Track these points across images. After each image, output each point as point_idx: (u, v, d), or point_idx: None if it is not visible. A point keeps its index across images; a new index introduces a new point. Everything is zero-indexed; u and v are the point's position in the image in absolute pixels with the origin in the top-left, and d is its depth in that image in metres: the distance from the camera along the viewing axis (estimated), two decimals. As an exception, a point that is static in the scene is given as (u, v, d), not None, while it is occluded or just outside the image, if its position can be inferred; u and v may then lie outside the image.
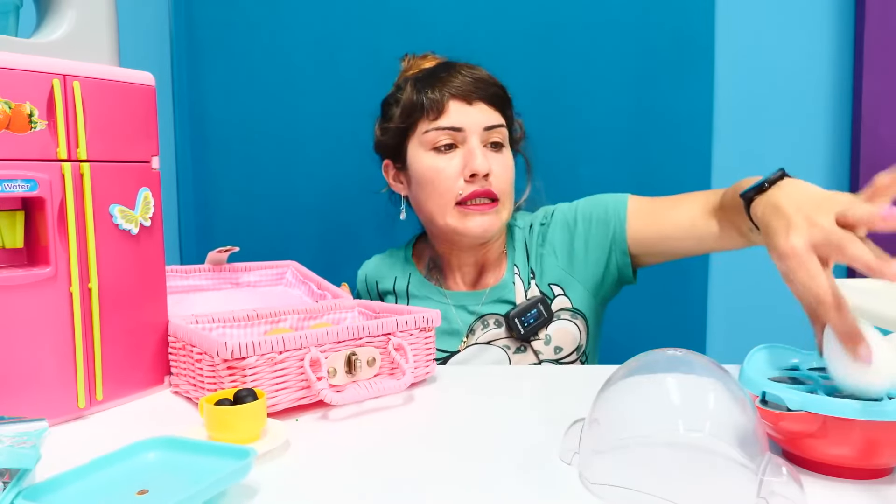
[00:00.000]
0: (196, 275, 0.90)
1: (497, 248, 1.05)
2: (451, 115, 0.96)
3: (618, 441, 0.50)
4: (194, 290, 0.89)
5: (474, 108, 0.96)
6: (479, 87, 0.97)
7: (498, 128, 0.97)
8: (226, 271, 0.92)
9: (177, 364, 0.76)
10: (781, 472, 0.45)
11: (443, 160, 0.97)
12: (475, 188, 0.95)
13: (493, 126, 0.97)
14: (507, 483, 0.53)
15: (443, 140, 0.96)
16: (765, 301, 1.46)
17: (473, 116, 0.96)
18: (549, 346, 0.98)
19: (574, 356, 1.00)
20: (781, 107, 1.42)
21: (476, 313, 1.02)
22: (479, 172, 0.94)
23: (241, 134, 1.50)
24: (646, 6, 1.38)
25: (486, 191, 0.96)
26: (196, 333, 0.71)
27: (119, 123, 0.71)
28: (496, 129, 0.97)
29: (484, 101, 0.97)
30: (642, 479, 0.47)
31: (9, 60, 0.62)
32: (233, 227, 1.52)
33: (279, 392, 0.67)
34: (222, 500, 0.49)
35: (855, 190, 1.40)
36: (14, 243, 0.66)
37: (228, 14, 1.47)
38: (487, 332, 1.00)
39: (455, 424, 0.66)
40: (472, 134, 0.96)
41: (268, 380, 0.66)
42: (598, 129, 1.40)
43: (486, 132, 0.96)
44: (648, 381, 0.52)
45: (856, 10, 1.38)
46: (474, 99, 0.96)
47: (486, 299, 1.02)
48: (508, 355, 0.99)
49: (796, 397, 0.50)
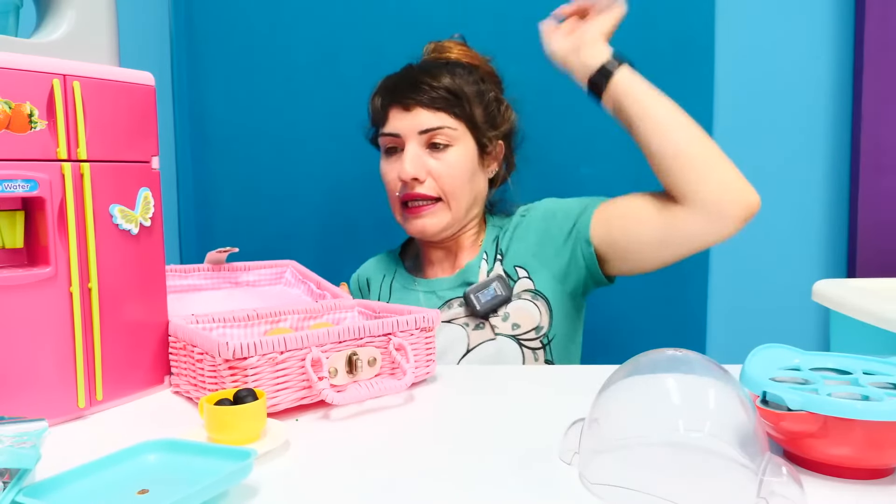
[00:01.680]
0: (195, 274, 0.90)
1: (468, 239, 1.08)
2: (391, 121, 1.03)
3: (618, 441, 0.50)
4: (193, 290, 0.89)
5: (411, 114, 1.01)
6: (417, 92, 1.00)
7: (437, 129, 1.00)
8: (225, 271, 0.93)
9: (177, 364, 0.76)
10: (781, 472, 0.45)
11: (387, 164, 1.05)
12: (407, 191, 1.02)
13: (429, 129, 1.00)
14: (506, 483, 0.53)
15: (387, 145, 1.04)
16: (765, 301, 1.46)
17: (408, 121, 1.01)
18: (506, 323, 1.00)
19: (533, 335, 1.00)
20: (781, 107, 1.42)
21: (443, 298, 1.05)
22: (402, 177, 1.00)
23: (241, 134, 1.50)
24: (646, 6, 1.38)
25: (417, 194, 1.01)
26: (197, 334, 0.70)
27: (119, 123, 0.71)
28: (435, 131, 1.00)
29: (421, 106, 1.01)
30: (642, 479, 0.47)
31: (9, 60, 0.62)
32: (233, 227, 1.52)
33: (280, 392, 0.67)
34: (222, 501, 0.49)
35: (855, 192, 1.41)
36: (14, 243, 0.66)
37: (228, 14, 1.48)
38: (449, 312, 1.03)
39: (455, 424, 0.66)
40: (408, 138, 1.01)
41: (269, 380, 0.66)
42: (598, 129, 1.40)
43: (422, 135, 1.01)
44: (648, 381, 0.52)
45: (856, 10, 1.38)
46: (412, 104, 1.01)
47: (452, 284, 1.06)
48: (467, 332, 1.01)
49: (797, 397, 0.50)
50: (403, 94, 1.02)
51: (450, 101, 1.01)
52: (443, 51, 1.09)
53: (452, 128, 1.01)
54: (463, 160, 1.02)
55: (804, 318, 1.44)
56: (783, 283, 1.45)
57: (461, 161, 1.02)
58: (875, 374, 0.59)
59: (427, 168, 1.01)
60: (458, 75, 1.03)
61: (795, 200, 1.44)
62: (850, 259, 1.42)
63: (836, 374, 0.60)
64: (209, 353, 0.68)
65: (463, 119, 1.02)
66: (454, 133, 1.01)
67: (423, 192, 1.01)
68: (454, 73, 1.03)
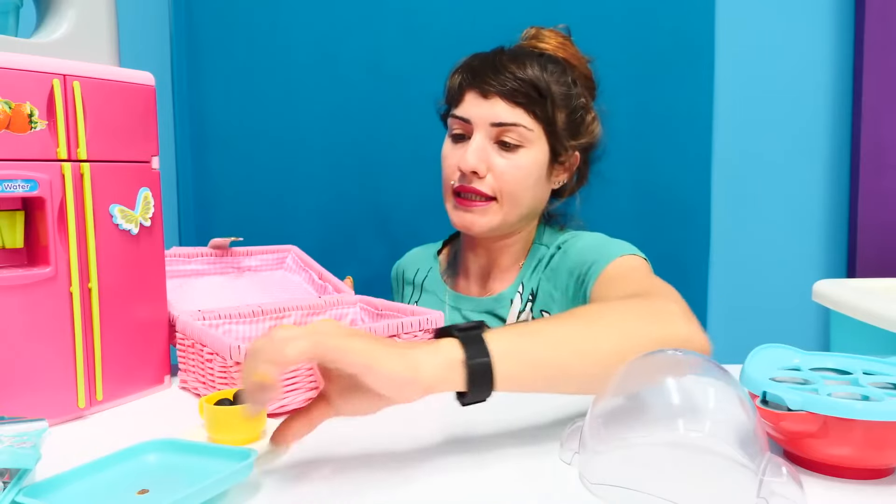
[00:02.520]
0: (198, 259, 0.90)
1: (510, 257, 1.00)
2: (465, 105, 0.94)
3: (618, 441, 0.50)
4: (196, 275, 0.89)
5: (488, 102, 0.92)
6: (500, 81, 0.92)
7: (511, 126, 0.91)
8: (227, 256, 0.93)
9: (185, 360, 0.76)
10: (781, 472, 0.45)
11: (450, 148, 0.96)
12: (463, 182, 0.93)
13: (503, 123, 0.91)
14: (507, 482, 0.53)
15: (455, 129, 0.95)
16: (765, 301, 1.46)
17: (484, 110, 0.92)
18: None
19: None
20: (781, 107, 1.42)
21: (466, 318, 1.00)
22: (462, 168, 0.92)
23: (241, 134, 1.50)
24: (646, 6, 1.38)
25: (471, 188, 0.92)
26: (206, 333, 0.71)
27: (119, 123, 0.71)
28: (508, 127, 0.91)
29: (501, 97, 0.91)
30: (642, 479, 0.47)
31: (9, 60, 0.62)
32: (233, 227, 1.52)
33: (290, 393, 0.67)
34: (222, 501, 0.49)
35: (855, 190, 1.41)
36: (14, 243, 0.66)
37: (228, 14, 1.47)
38: None
39: (456, 424, 0.66)
40: (478, 127, 0.92)
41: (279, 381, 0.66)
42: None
43: (493, 128, 0.92)
44: (649, 381, 0.52)
45: (856, 10, 1.38)
46: (490, 93, 0.92)
47: (480, 308, 1.00)
48: None
49: (797, 397, 0.50)
50: (484, 78, 0.92)
51: (532, 97, 0.91)
52: (541, 39, 1.00)
53: (528, 128, 0.91)
54: (531, 165, 0.93)
55: (804, 318, 1.44)
56: (783, 283, 1.45)
57: (528, 166, 0.93)
58: (875, 374, 0.59)
59: (490, 164, 0.92)
60: (549, 71, 0.93)
61: (795, 200, 1.44)
62: (850, 259, 1.42)
63: (837, 374, 0.60)
64: (219, 354, 0.68)
65: (542, 121, 0.93)
66: (529, 134, 0.92)
67: (479, 189, 0.92)
68: (545, 67, 0.93)
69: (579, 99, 0.96)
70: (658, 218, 1.41)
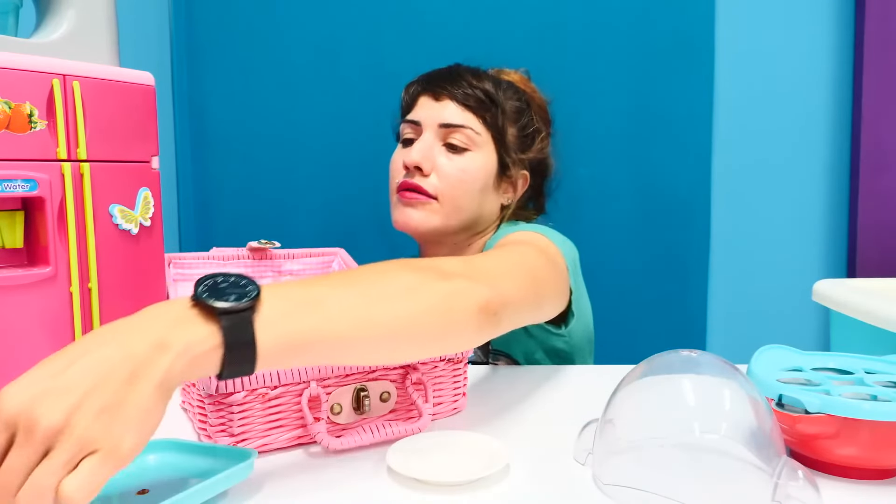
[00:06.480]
0: (235, 262, 0.84)
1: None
2: (416, 109, 0.95)
3: (632, 442, 0.50)
4: None
5: (439, 104, 0.93)
6: (452, 85, 0.92)
7: (459, 128, 0.91)
8: (266, 259, 0.87)
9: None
10: (798, 476, 0.45)
11: (398, 153, 0.97)
12: (407, 178, 0.93)
13: (451, 124, 0.91)
14: (520, 483, 0.53)
15: (406, 133, 0.96)
16: (765, 301, 1.46)
17: (434, 111, 0.93)
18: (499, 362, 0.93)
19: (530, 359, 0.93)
20: (781, 107, 1.42)
21: None
22: (407, 163, 0.92)
23: (241, 134, 1.50)
24: (646, 6, 1.38)
25: (414, 184, 0.91)
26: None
27: (119, 123, 0.71)
28: (456, 128, 0.91)
29: (452, 99, 0.92)
30: (656, 481, 0.47)
31: (9, 60, 0.62)
32: (233, 227, 1.52)
33: (272, 431, 0.59)
34: (222, 501, 0.49)
35: (855, 192, 1.41)
36: (14, 243, 0.66)
37: (228, 14, 1.47)
38: None
39: (469, 423, 0.66)
40: (427, 128, 0.93)
41: (259, 419, 0.58)
42: (597, 128, 1.40)
43: (442, 129, 0.92)
44: (663, 382, 0.52)
45: (856, 10, 1.38)
46: (443, 95, 0.92)
47: None
48: None
49: (815, 400, 0.50)
50: (438, 83, 0.93)
51: (484, 103, 0.92)
52: (503, 72, 1.02)
53: (476, 131, 0.92)
54: (476, 170, 0.92)
55: (804, 319, 1.44)
56: (783, 284, 1.45)
57: (474, 170, 0.92)
58: (876, 374, 0.59)
59: (435, 163, 0.92)
60: (504, 88, 0.96)
61: (795, 200, 1.44)
62: (850, 259, 1.42)
63: (838, 374, 0.60)
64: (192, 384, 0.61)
65: (491, 127, 0.93)
66: (477, 138, 0.92)
67: (421, 185, 0.91)
68: (500, 84, 0.96)
69: (532, 121, 0.98)
70: (658, 218, 1.41)
